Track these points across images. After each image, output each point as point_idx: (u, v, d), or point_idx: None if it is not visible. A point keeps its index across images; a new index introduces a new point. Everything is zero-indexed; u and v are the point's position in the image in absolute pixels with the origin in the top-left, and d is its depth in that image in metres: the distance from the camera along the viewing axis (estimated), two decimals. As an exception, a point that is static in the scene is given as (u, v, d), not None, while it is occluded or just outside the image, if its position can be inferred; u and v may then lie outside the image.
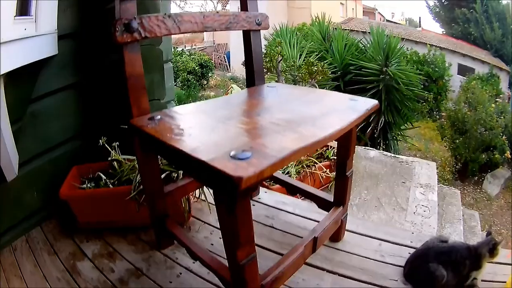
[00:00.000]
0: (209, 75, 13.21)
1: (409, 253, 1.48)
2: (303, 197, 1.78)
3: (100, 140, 1.73)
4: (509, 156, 8.36)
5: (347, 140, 1.38)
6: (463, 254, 1.30)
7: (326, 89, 3.97)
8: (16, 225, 1.67)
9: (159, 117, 1.19)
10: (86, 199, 1.68)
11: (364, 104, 1.29)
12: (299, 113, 1.23)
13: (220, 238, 1.62)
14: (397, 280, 1.40)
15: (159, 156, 1.41)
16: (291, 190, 1.73)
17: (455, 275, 1.29)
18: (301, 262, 1.28)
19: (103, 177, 1.76)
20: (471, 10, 15.49)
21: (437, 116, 10.97)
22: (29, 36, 1.44)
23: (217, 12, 1.46)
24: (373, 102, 1.31)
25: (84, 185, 1.73)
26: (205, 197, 1.75)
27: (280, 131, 1.05)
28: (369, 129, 6.31)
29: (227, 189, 0.83)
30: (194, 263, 1.51)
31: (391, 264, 1.49)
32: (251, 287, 1.03)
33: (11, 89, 1.38)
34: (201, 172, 0.89)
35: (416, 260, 1.41)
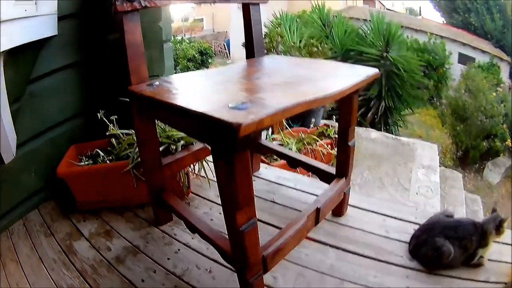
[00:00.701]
0: (209, 62, 13.15)
1: (414, 229, 1.44)
2: (309, 174, 1.73)
3: (98, 114, 1.68)
4: (510, 144, 8.31)
5: (348, 107, 1.35)
6: (470, 229, 1.27)
7: None
8: (14, 208, 1.63)
9: (157, 83, 1.17)
10: (83, 176, 1.63)
11: (365, 70, 1.27)
12: (299, 76, 1.21)
13: (220, 213, 1.61)
14: (402, 256, 1.37)
15: (157, 125, 1.38)
16: (292, 163, 1.69)
17: (462, 252, 1.26)
18: (303, 233, 1.24)
19: (101, 153, 1.71)
20: (471, 0, 15.35)
21: (438, 103, 10.90)
22: (29, 16, 1.41)
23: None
24: (374, 70, 1.29)
25: (82, 163, 1.69)
26: (205, 173, 1.71)
27: (280, 89, 1.03)
28: (370, 114, 6.28)
29: (226, 140, 0.80)
30: (193, 239, 1.48)
31: (396, 239, 1.46)
32: (251, 258, 0.99)
33: (10, 69, 1.35)
34: (200, 126, 0.86)
35: (421, 234, 1.37)
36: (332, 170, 1.53)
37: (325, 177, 1.54)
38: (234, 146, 0.80)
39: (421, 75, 7.19)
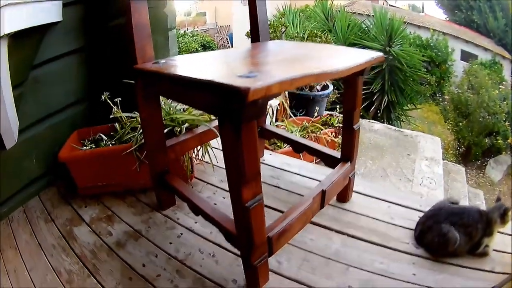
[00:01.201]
0: (212, 55, 13.13)
1: (419, 216, 1.42)
2: (314, 160, 1.71)
3: (103, 96, 1.65)
4: (512, 142, 8.29)
5: (353, 89, 1.34)
6: (475, 217, 1.26)
7: None
8: (15, 195, 1.61)
9: (163, 61, 1.16)
10: (85, 160, 1.61)
11: (370, 53, 1.26)
12: (305, 55, 1.21)
13: (224, 197, 1.60)
14: (408, 243, 1.35)
15: (161, 108, 1.37)
16: (297, 148, 1.67)
17: (467, 239, 1.24)
18: (309, 216, 1.22)
19: (104, 137, 1.70)
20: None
21: (440, 99, 10.87)
22: (34, 1, 1.41)
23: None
24: (379, 53, 1.28)
25: (84, 148, 1.67)
26: (210, 158, 1.69)
27: (287, 64, 1.03)
28: (373, 108, 6.27)
29: (234, 107, 0.78)
30: (196, 223, 1.46)
31: (401, 226, 1.44)
32: (257, 238, 0.97)
33: (14, 53, 1.34)
34: (207, 96, 0.86)
35: (427, 220, 1.35)
36: (337, 154, 1.51)
37: (330, 162, 1.51)
38: (242, 113, 0.78)
39: (424, 71, 7.16)
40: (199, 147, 1.71)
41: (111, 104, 1.65)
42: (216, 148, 1.73)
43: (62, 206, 1.62)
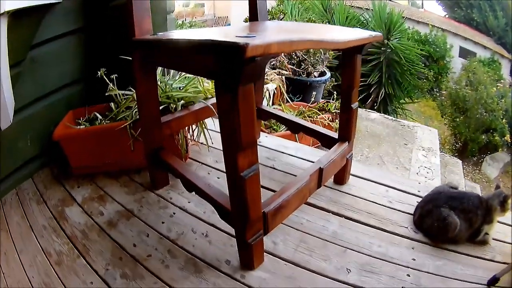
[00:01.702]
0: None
1: (417, 201, 1.40)
2: (315, 146, 1.68)
3: (99, 72, 1.60)
4: (509, 140, 8.29)
5: (352, 67, 1.32)
6: (475, 202, 1.23)
7: (328, 57, 3.88)
8: (8, 177, 1.57)
9: (161, 33, 1.16)
10: (79, 138, 1.57)
11: (368, 32, 1.26)
12: (304, 29, 1.22)
13: (219, 177, 1.57)
14: (407, 227, 1.32)
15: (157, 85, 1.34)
16: (293, 128, 1.65)
17: (467, 226, 1.22)
18: (306, 194, 1.19)
19: (99, 116, 1.66)
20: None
21: (438, 94, 10.86)
22: None
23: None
24: (378, 33, 1.29)
25: (79, 127, 1.64)
26: (205, 138, 1.65)
27: (285, 34, 1.02)
28: (369, 100, 6.23)
29: (232, 67, 0.75)
30: (189, 202, 1.43)
31: (399, 210, 1.41)
32: (252, 212, 0.93)
33: (13, 32, 1.32)
34: (205, 58, 0.84)
35: (426, 204, 1.32)
36: (334, 135, 1.49)
37: (328, 142, 1.49)
38: (240, 73, 0.74)
39: (422, 65, 7.14)
40: (194, 127, 1.68)
41: (107, 81, 1.61)
42: (212, 130, 1.70)
43: (55, 187, 1.58)
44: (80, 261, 1.18)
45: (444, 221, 1.21)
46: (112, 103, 1.67)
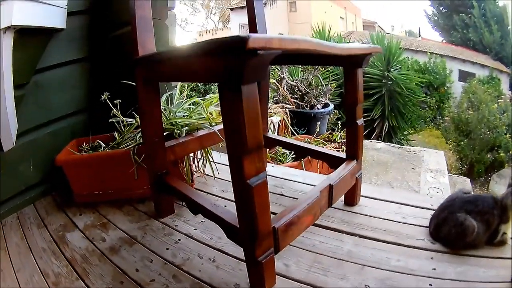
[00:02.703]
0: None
1: (431, 215, 1.35)
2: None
3: (102, 96, 1.60)
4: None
5: (353, 83, 1.33)
6: (490, 203, 1.20)
7: (330, 89, 3.94)
8: (9, 200, 1.56)
9: (165, 50, 1.22)
10: (82, 163, 1.55)
11: (367, 44, 1.36)
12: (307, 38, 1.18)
13: (226, 205, 1.50)
14: (424, 240, 1.27)
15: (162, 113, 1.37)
16: (300, 152, 1.63)
17: (485, 228, 1.17)
18: (317, 211, 1.13)
19: (102, 144, 1.65)
20: (469, 15, 15.58)
21: (441, 121, 10.87)
22: (40, 1, 1.44)
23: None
24: (377, 46, 1.35)
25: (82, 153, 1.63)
26: (211, 168, 1.64)
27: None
28: (374, 134, 6.23)
29: (234, 64, 0.74)
30: (195, 229, 1.38)
31: (414, 224, 1.36)
32: (261, 225, 0.88)
33: (18, 52, 1.35)
34: (207, 61, 0.84)
35: (441, 213, 1.28)
36: (342, 155, 1.46)
37: (336, 163, 1.44)
38: (242, 70, 0.73)
39: (423, 94, 7.19)
40: (199, 157, 1.66)
41: (111, 105, 1.60)
42: (219, 163, 1.70)
43: (56, 213, 1.55)
44: (78, 283, 1.13)
45: (462, 226, 1.16)
46: (115, 132, 1.67)
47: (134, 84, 1.25)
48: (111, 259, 1.23)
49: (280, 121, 2.93)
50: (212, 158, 1.66)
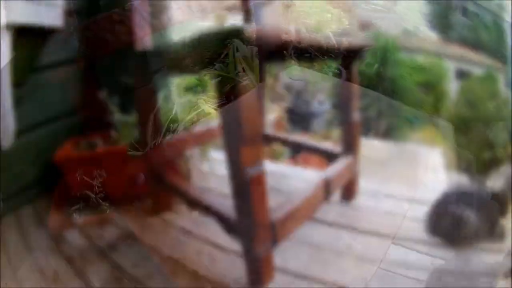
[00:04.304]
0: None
1: (429, 209, 1.32)
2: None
3: (100, 95, 1.58)
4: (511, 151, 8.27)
5: (347, 77, 1.27)
6: (488, 196, 1.22)
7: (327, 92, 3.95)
8: (6, 200, 1.49)
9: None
10: (81, 161, 1.52)
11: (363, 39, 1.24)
12: None
13: (223, 202, 1.49)
14: (423, 234, 1.26)
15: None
16: (295, 148, 1.61)
17: (484, 220, 1.18)
18: (314, 204, 1.15)
19: (100, 142, 1.62)
20: (465, 14, 15.68)
21: (438, 121, 10.92)
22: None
23: None
24: (372, 40, 1.28)
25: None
26: (209, 165, 1.58)
27: None
28: (371, 132, 6.27)
29: None
30: (193, 225, 1.36)
31: (412, 219, 1.33)
32: (259, 215, 0.89)
33: (16, 52, 1.31)
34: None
35: (439, 207, 1.27)
36: (339, 151, 1.46)
37: (332, 159, 1.45)
38: None
39: (419, 93, 7.24)
40: (197, 153, 1.64)
41: (108, 104, 1.58)
42: (216, 159, 1.67)
43: (55, 212, 1.50)
44: (76, 280, 1.15)
45: (460, 219, 1.17)
46: (113, 130, 1.65)
47: (132, 81, 1.25)
48: (109, 256, 1.24)
49: (276, 117, 2.93)
50: (210, 154, 1.65)
